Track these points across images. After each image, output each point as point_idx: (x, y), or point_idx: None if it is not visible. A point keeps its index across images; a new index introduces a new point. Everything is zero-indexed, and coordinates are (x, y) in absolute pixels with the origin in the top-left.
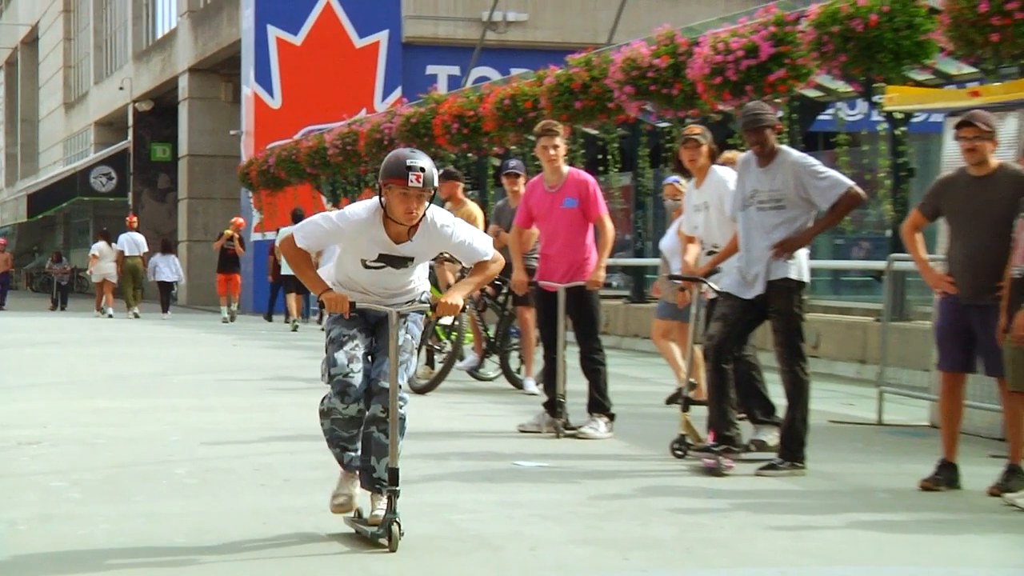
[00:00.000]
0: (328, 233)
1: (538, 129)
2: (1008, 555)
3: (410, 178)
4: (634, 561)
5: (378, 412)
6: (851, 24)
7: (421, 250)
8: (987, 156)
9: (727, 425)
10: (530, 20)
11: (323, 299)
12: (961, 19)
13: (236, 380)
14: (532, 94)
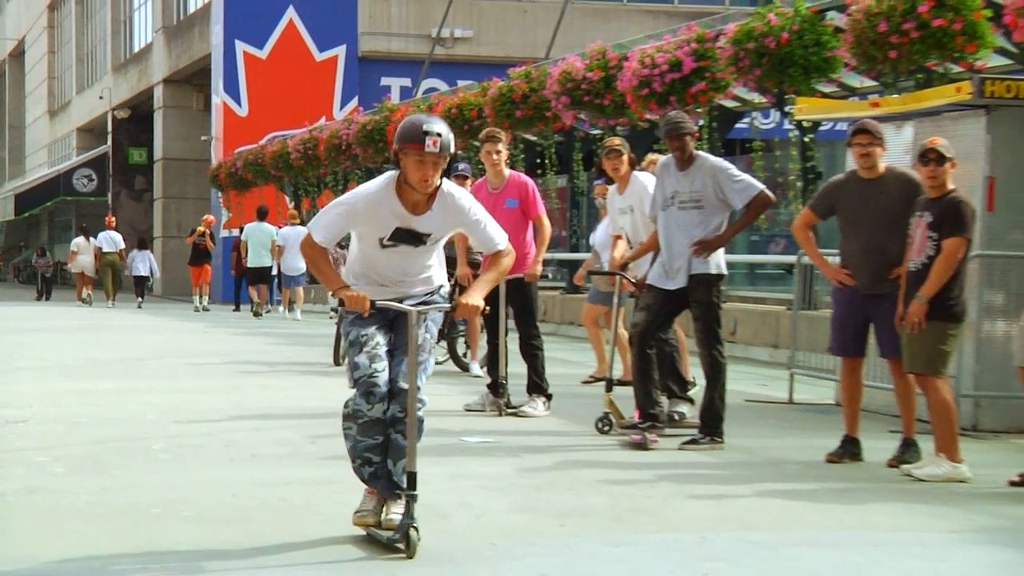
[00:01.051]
0: (344, 217)
1: (482, 136)
2: (904, 520)
3: (427, 143)
4: (569, 527)
5: (396, 412)
6: (765, 41)
7: (438, 224)
8: (877, 161)
9: (651, 404)
10: (475, 36)
11: (342, 297)
12: (863, 37)
13: (206, 364)
14: (477, 103)
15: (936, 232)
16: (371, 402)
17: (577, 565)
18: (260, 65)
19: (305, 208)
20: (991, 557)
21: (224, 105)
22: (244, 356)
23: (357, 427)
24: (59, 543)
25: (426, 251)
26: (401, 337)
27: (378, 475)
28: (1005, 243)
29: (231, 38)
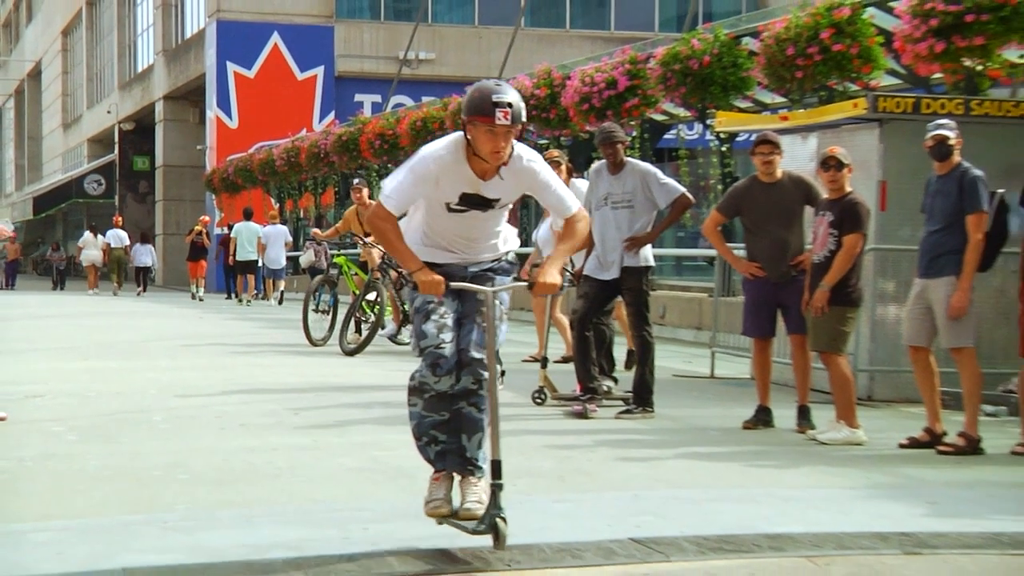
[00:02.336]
0: (416, 182)
1: None
2: (810, 479)
3: (497, 115)
4: (520, 487)
5: (469, 384)
6: (689, 63)
7: (508, 188)
8: (777, 167)
9: (590, 379)
10: (437, 58)
11: (416, 279)
12: (773, 60)
13: (201, 345)
14: (439, 117)
15: (837, 229)
16: (438, 374)
17: (527, 519)
18: (249, 83)
19: (288, 208)
20: (885, 509)
21: (217, 118)
22: (234, 338)
23: (423, 402)
24: (72, 502)
25: (494, 215)
26: (469, 304)
27: (446, 452)
28: (896, 238)
29: (223, 60)
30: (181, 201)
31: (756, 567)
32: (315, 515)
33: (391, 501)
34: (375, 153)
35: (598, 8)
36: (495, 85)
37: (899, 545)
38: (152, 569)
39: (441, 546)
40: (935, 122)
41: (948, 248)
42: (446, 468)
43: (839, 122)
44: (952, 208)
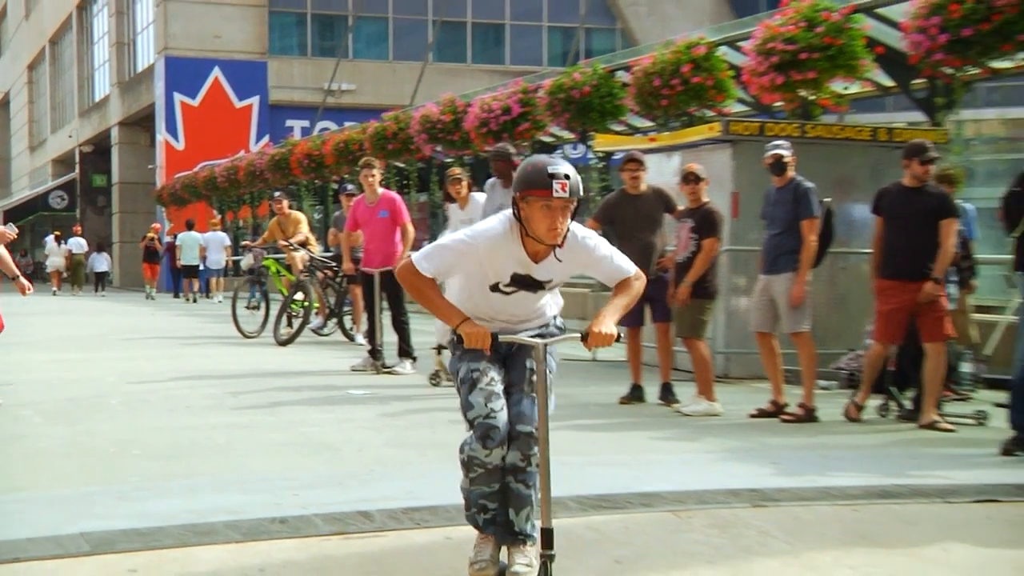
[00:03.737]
0: (459, 255)
1: (361, 163)
2: (675, 445)
3: (555, 188)
4: (429, 456)
5: (517, 461)
6: (572, 93)
7: (560, 270)
8: (642, 182)
9: None
10: (357, 88)
11: (461, 332)
12: (643, 90)
13: (153, 338)
14: (359, 139)
15: (696, 234)
16: (489, 447)
17: (436, 484)
18: (193, 111)
19: (229, 219)
20: (737, 469)
21: (166, 141)
22: (182, 332)
23: (471, 479)
24: (39, 476)
25: (542, 294)
26: (518, 372)
27: (495, 521)
28: (746, 240)
29: (170, 91)
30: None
31: (629, 521)
32: (251, 484)
33: (317, 471)
34: (303, 171)
35: (495, 46)
36: (548, 158)
37: (748, 499)
38: (107, 533)
39: (361, 509)
40: (773, 143)
41: (786, 249)
42: (495, 535)
43: (698, 143)
44: (789, 215)
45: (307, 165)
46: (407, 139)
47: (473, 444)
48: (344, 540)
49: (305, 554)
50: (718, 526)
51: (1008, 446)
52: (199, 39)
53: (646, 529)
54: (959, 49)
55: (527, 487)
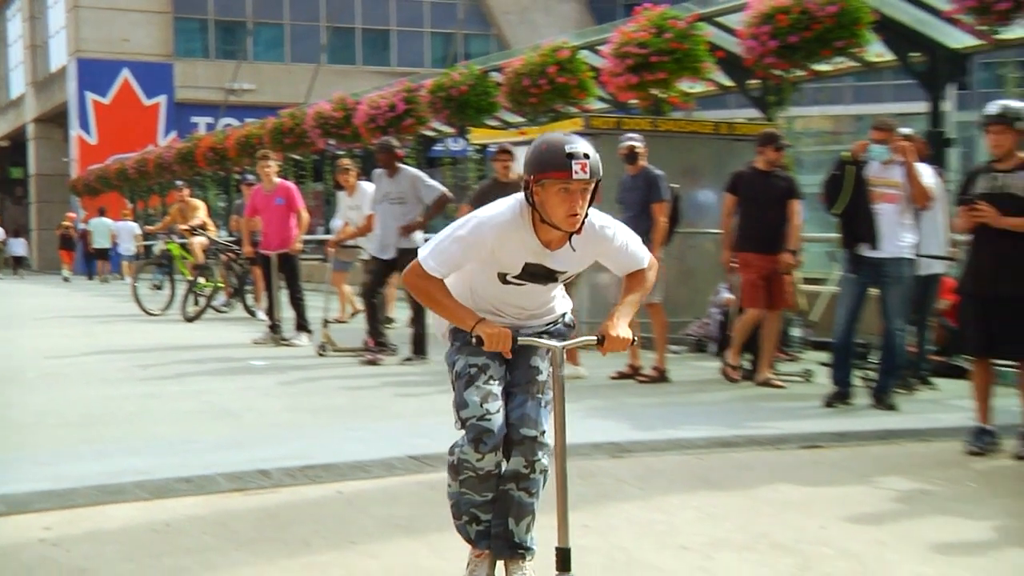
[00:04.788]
0: (468, 248)
1: (259, 155)
2: None
3: (574, 168)
4: (322, 419)
5: (520, 467)
6: (451, 91)
7: (577, 260)
8: (511, 170)
9: (379, 335)
10: (257, 88)
11: (480, 334)
12: (514, 89)
13: (68, 316)
14: (259, 134)
15: None
16: (481, 450)
17: (329, 444)
18: (104, 108)
19: (139, 207)
20: (598, 425)
21: (79, 137)
22: (95, 311)
23: (460, 482)
24: None
25: (554, 286)
26: (521, 371)
27: (489, 534)
28: None
29: (83, 90)
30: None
31: None
32: (159, 448)
33: (220, 434)
34: (208, 163)
35: (382, 49)
36: (563, 136)
37: (607, 451)
38: (23, 495)
39: (260, 468)
40: (627, 135)
41: (640, 230)
42: (490, 550)
43: None
44: (641, 199)
45: (211, 158)
46: (302, 133)
47: (464, 447)
48: (244, 496)
49: (208, 509)
50: (580, 476)
51: (830, 399)
52: (108, 42)
53: None
54: (786, 54)
55: (530, 495)
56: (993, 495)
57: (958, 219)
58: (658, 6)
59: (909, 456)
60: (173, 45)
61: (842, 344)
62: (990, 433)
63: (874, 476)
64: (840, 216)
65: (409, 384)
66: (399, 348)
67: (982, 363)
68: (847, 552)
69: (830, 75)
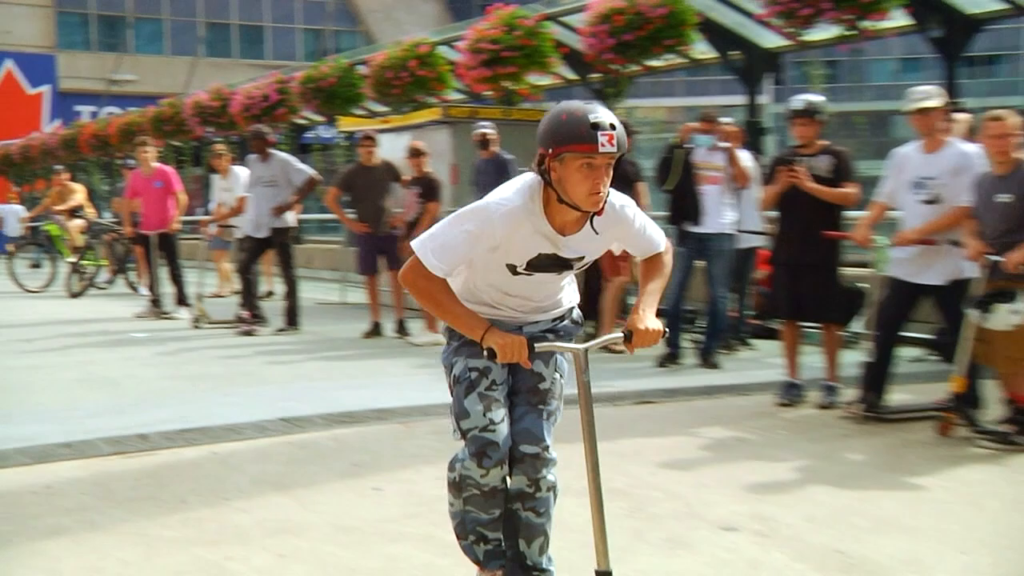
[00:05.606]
0: (473, 240)
1: (137, 141)
2: (405, 369)
3: (600, 141)
4: (200, 386)
5: (524, 486)
6: (320, 83)
7: (597, 244)
8: (374, 155)
9: (254, 307)
10: (139, 79)
11: (491, 346)
12: (378, 81)
13: None
14: (140, 122)
15: (421, 198)
16: (486, 465)
17: (205, 409)
18: None
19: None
20: None
21: None
22: None
23: (464, 500)
24: None
25: (566, 276)
26: (521, 377)
27: (498, 554)
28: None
29: None
30: None
31: (365, 432)
32: (42, 416)
33: (102, 402)
34: (91, 149)
35: (257, 43)
36: (583, 104)
37: None
38: None
39: (139, 432)
40: (480, 124)
41: None
42: (502, 570)
43: (423, 124)
44: (494, 181)
45: (95, 144)
46: (182, 122)
47: (467, 461)
48: (123, 459)
49: (88, 472)
50: (438, 433)
51: (662, 360)
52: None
53: (379, 438)
54: (623, 50)
55: (538, 515)
56: (800, 440)
57: (764, 197)
58: (508, 6)
59: (729, 408)
60: (56, 37)
61: (672, 311)
62: (798, 386)
63: (698, 427)
64: (670, 193)
65: (282, 352)
66: (272, 320)
67: (791, 325)
68: (673, 494)
69: (662, 70)
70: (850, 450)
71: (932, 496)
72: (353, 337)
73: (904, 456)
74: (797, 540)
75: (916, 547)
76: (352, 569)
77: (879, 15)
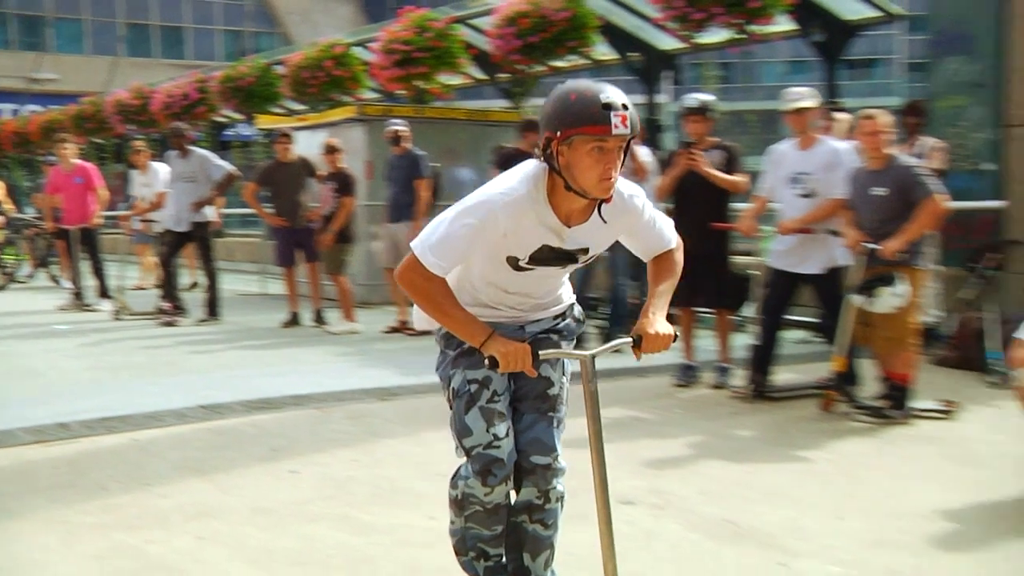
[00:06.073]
0: (476, 234)
1: (57, 139)
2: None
3: (613, 121)
4: (122, 376)
5: (533, 498)
6: (239, 83)
7: (603, 235)
8: (290, 152)
9: (175, 299)
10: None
11: (493, 354)
12: (295, 81)
13: None
14: (62, 119)
15: (338, 193)
16: (491, 484)
17: (130, 398)
18: None
19: None
20: (371, 373)
21: None
22: None
23: (465, 517)
24: None
25: (570, 270)
26: (527, 383)
27: (498, 570)
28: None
29: None
30: None
31: (282, 418)
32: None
33: (23, 393)
34: (13, 146)
35: (177, 44)
36: (593, 83)
37: (377, 395)
38: None
39: (60, 421)
40: (390, 121)
41: (405, 203)
42: None
43: (338, 122)
44: (406, 176)
45: (16, 141)
46: (103, 120)
47: (470, 479)
48: (43, 447)
49: (7, 460)
50: (353, 418)
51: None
52: None
53: (296, 423)
54: (528, 52)
55: (546, 527)
56: (694, 419)
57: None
58: (420, 9)
59: (629, 390)
60: None
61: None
62: (693, 368)
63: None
64: None
65: (202, 342)
66: (193, 311)
67: (687, 310)
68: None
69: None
70: (740, 427)
71: (815, 468)
72: (272, 327)
73: (789, 431)
74: (691, 512)
75: (800, 515)
76: (269, 550)
77: (765, 20)
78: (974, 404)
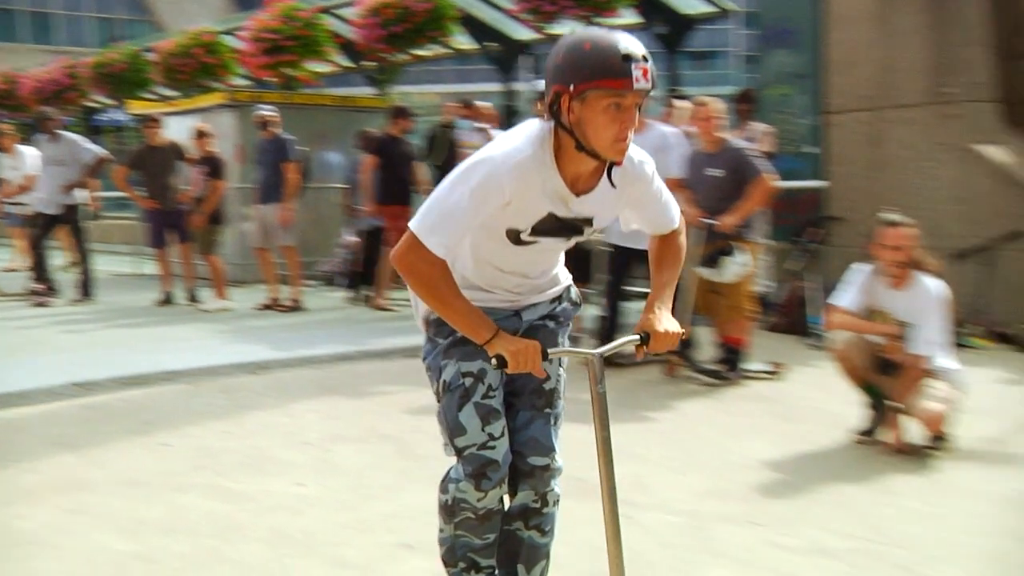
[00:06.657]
0: (479, 203)
1: None
2: (193, 333)
3: (634, 75)
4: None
5: (530, 502)
6: (110, 69)
7: (612, 202)
8: (159, 136)
9: (47, 280)
10: None
11: (501, 353)
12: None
13: None
14: None
15: (207, 176)
16: (485, 487)
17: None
18: None
19: None
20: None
21: None
22: None
23: (455, 525)
24: None
25: (572, 242)
26: (522, 378)
27: None
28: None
29: None
30: None
31: (154, 393)
32: None
33: None
34: None
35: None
36: (607, 32)
37: (248, 369)
38: None
39: None
40: (258, 107)
41: (274, 185)
42: None
43: (209, 108)
44: (274, 160)
45: None
46: None
47: (462, 483)
48: None
49: None
50: (224, 391)
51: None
52: None
53: (168, 398)
54: (392, 41)
55: (542, 534)
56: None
57: None
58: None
59: None
60: None
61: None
62: None
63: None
64: (438, 168)
65: (75, 322)
66: (66, 291)
67: None
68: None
69: (429, 59)
70: (589, 391)
71: (659, 427)
72: (146, 306)
73: (636, 394)
74: None
75: (643, 471)
76: (139, 519)
77: (611, 13)
78: (798, 365)
